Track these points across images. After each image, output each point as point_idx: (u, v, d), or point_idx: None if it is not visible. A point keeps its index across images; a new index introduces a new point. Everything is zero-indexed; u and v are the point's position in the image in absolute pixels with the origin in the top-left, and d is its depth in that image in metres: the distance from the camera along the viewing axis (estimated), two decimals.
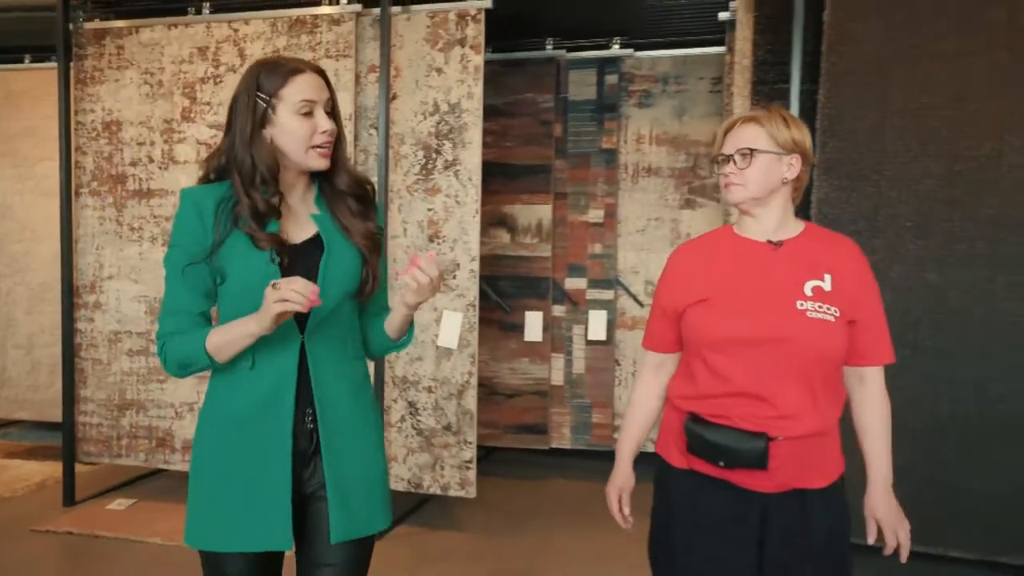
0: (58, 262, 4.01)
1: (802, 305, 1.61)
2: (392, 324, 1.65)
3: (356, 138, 3.64)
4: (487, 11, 3.52)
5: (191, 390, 3.85)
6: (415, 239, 3.63)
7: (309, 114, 1.52)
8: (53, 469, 4.45)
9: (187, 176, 3.84)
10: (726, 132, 1.74)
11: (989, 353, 2.87)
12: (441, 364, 3.61)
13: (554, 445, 4.62)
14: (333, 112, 1.57)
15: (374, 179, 3.39)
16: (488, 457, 4.78)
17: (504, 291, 4.53)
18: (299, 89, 1.51)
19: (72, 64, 3.95)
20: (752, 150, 1.65)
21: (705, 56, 4.35)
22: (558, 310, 4.61)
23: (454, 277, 3.57)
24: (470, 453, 3.60)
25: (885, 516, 1.67)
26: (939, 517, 2.85)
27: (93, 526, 3.63)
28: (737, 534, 1.64)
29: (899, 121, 2.97)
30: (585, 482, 4.46)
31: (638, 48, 4.46)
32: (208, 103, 3.80)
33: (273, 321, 1.40)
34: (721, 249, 1.75)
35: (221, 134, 3.61)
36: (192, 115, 3.83)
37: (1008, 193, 2.87)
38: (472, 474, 3.60)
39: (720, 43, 4.03)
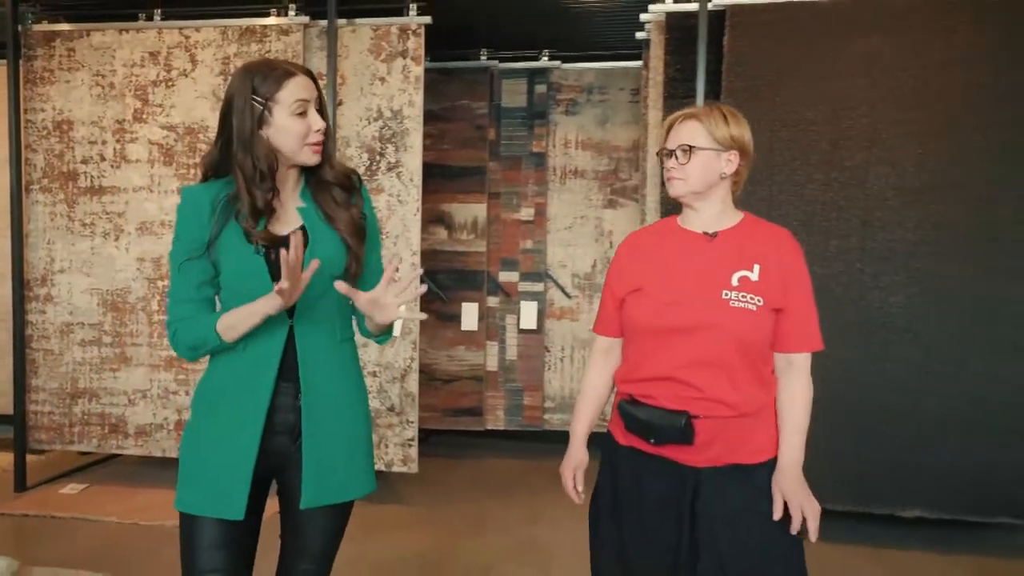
0: (4, 256, 4.13)
1: (727, 295, 1.67)
2: (371, 323, 1.70)
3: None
4: (426, 24, 3.84)
5: (143, 378, 4.05)
6: None
7: (303, 114, 1.59)
8: (3, 458, 4.55)
9: (139, 175, 4.02)
10: (669, 128, 1.79)
11: (858, 337, 3.36)
12: (385, 351, 3.91)
13: (489, 426, 4.96)
14: (321, 109, 1.64)
15: None
16: (428, 440, 5.09)
17: (442, 283, 4.84)
18: (293, 91, 1.57)
19: (22, 64, 4.07)
20: (691, 146, 1.72)
21: (626, 69, 4.76)
22: (492, 301, 4.95)
23: (396, 270, 3.86)
24: (412, 432, 3.91)
25: (790, 493, 1.67)
26: (818, 476, 3.32)
27: (48, 508, 3.79)
28: (670, 507, 1.71)
29: (787, 134, 3.43)
30: (517, 460, 4.82)
31: (565, 60, 4.84)
32: (160, 105, 3.99)
33: (281, 303, 1.50)
34: (662, 240, 1.82)
35: (174, 135, 3.85)
36: (144, 116, 4.01)
37: (875, 196, 3.36)
38: (414, 451, 3.91)
39: (639, 57, 4.44)
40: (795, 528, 1.65)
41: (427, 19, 3.83)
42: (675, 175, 1.74)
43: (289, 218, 1.65)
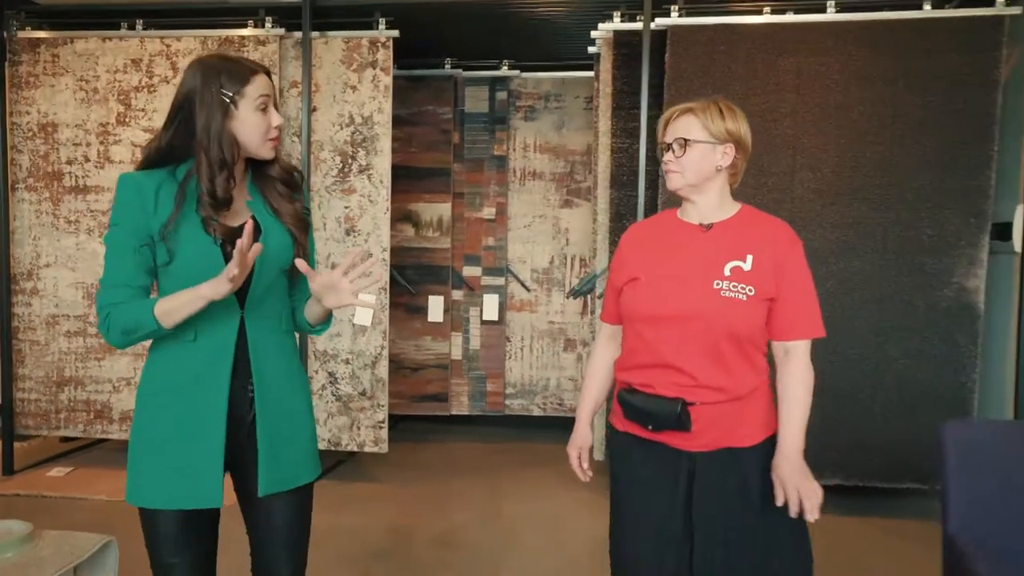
0: None
1: (718, 284, 1.70)
2: (312, 312, 1.74)
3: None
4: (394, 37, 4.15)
5: (128, 366, 4.29)
6: (333, 233, 4.21)
7: (264, 110, 1.63)
8: None
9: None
10: (666, 123, 1.82)
11: None
12: (357, 339, 4.21)
13: (454, 412, 5.28)
14: (276, 106, 1.70)
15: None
16: (397, 426, 5.40)
17: (410, 278, 5.15)
18: (257, 87, 1.62)
19: (7, 69, 4.28)
20: (687, 140, 1.75)
21: (580, 79, 5.11)
22: (457, 294, 5.28)
23: (360, 257, 4.17)
24: (382, 415, 4.22)
25: (787, 477, 1.68)
26: None
27: (37, 489, 4.03)
28: (668, 490, 1.74)
29: None
30: (481, 443, 5.16)
31: (524, 70, 5.17)
32: (143, 109, 4.24)
33: (229, 288, 1.51)
34: (661, 231, 1.86)
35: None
36: (127, 120, 4.25)
37: (800, 199, 3.77)
38: (384, 432, 4.22)
39: (592, 68, 4.78)
40: (793, 512, 1.66)
41: (395, 33, 4.13)
42: (672, 168, 1.78)
43: (239, 210, 1.68)
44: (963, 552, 1.70)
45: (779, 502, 1.67)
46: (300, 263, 1.61)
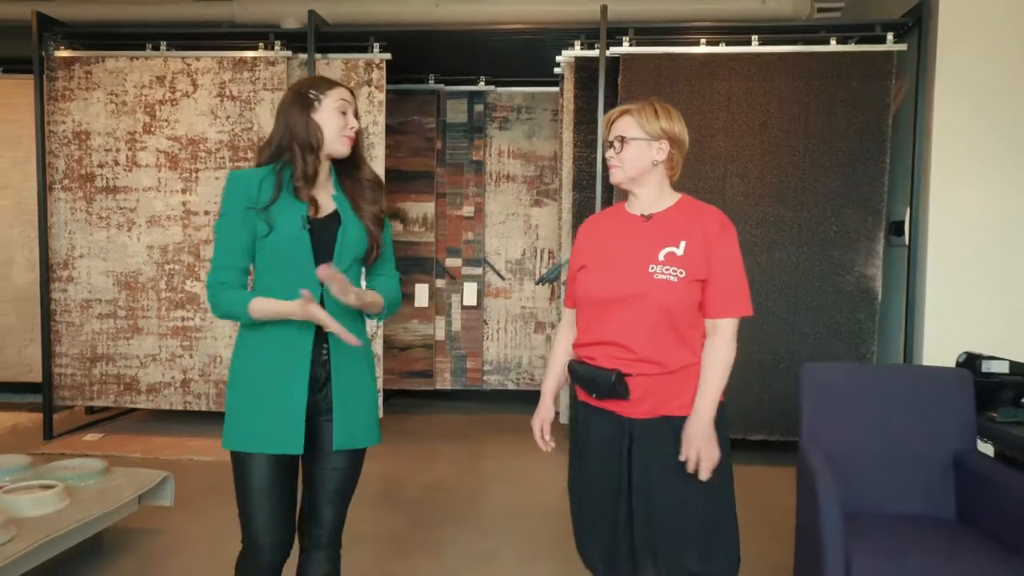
0: (7, 245, 4.95)
1: (652, 268, 1.84)
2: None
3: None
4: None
5: (153, 344, 4.91)
6: None
7: (344, 113, 1.91)
8: (18, 418, 5.34)
9: (148, 177, 4.88)
10: (609, 123, 1.97)
11: None
12: None
13: (438, 386, 5.96)
14: (357, 115, 1.96)
15: None
16: (388, 400, 6.05)
17: (399, 268, 5.80)
18: (338, 94, 1.91)
19: (45, 84, 4.87)
20: (624, 137, 1.90)
21: (548, 93, 5.80)
22: (440, 283, 5.95)
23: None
24: (377, 385, 4.89)
25: (693, 437, 1.83)
26: None
27: (78, 449, 4.63)
28: (611, 450, 1.90)
29: None
30: (462, 414, 5.84)
31: (499, 85, 5.85)
32: (166, 120, 4.86)
33: (302, 318, 1.79)
34: (609, 223, 2.00)
35: (178, 145, 4.70)
36: (152, 129, 4.87)
37: (729, 201, 4.49)
38: (379, 401, 4.89)
39: (558, 84, 5.47)
40: (690, 468, 1.82)
41: (388, 56, 4.80)
42: (613, 163, 1.93)
43: (325, 203, 1.93)
44: (807, 453, 2.42)
45: (682, 458, 1.83)
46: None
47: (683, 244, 1.85)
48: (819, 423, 2.51)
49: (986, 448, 2.54)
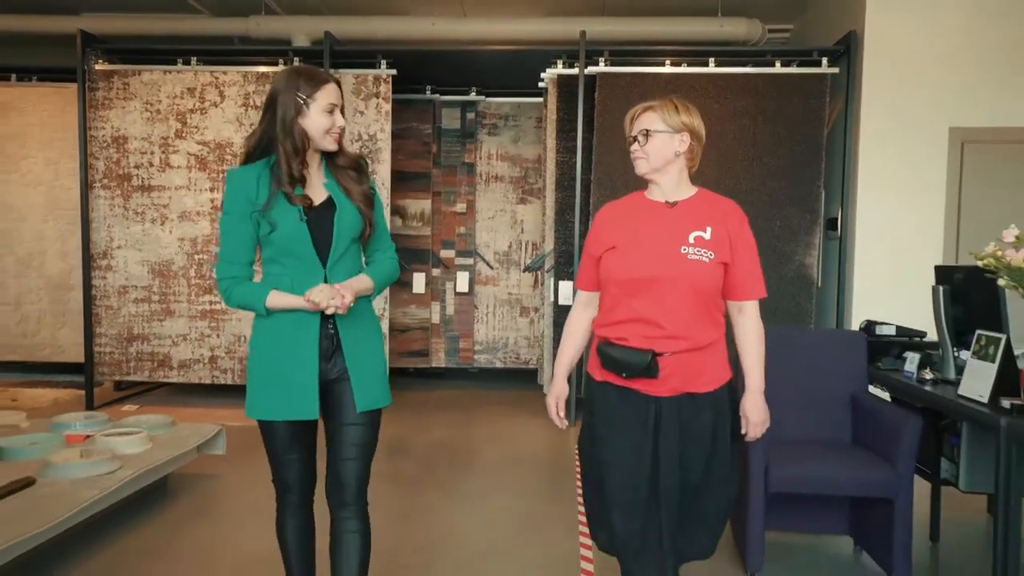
0: (41, 238, 5.54)
1: (684, 249, 1.94)
2: None
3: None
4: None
5: (184, 325, 5.54)
6: None
7: (331, 112, 1.98)
8: (57, 393, 5.93)
9: (180, 177, 5.50)
10: (632, 120, 2.08)
11: None
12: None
13: (433, 364, 6.65)
14: (343, 111, 2.03)
15: None
16: (389, 378, 6.72)
17: (403, 261, 6.47)
18: (326, 95, 1.98)
19: (87, 94, 5.46)
20: (649, 130, 2.01)
21: (532, 103, 6.49)
22: (436, 272, 6.63)
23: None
24: None
25: (749, 411, 2.00)
26: None
27: (120, 416, 5.24)
28: (638, 428, 1.98)
29: None
30: (455, 389, 6.52)
31: (488, 95, 6.54)
32: (196, 127, 5.48)
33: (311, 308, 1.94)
34: (632, 208, 2.09)
35: (206, 148, 5.34)
36: (184, 135, 5.49)
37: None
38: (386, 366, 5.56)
39: (541, 95, 6.15)
40: (749, 438, 2.03)
41: (394, 71, 5.47)
42: (638, 155, 2.04)
43: (317, 189, 2.03)
44: (740, 392, 3.15)
45: (743, 431, 2.02)
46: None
47: (709, 230, 1.97)
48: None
49: (875, 390, 3.29)
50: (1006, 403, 2.30)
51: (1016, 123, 4.88)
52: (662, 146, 2.00)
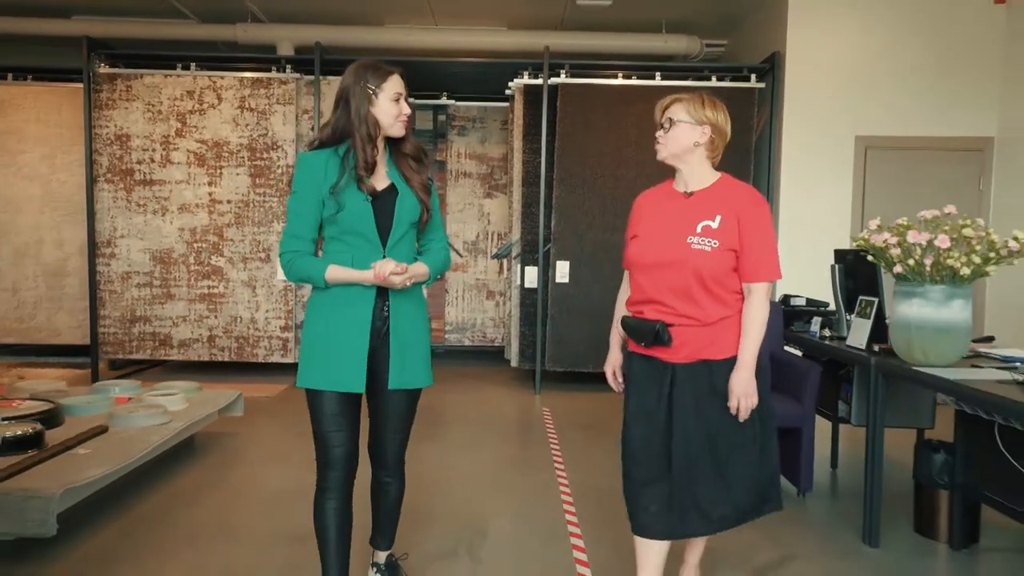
0: (37, 228, 6.03)
1: (690, 240, 2.08)
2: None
3: (296, 154, 6.06)
4: None
5: (184, 308, 6.07)
6: None
7: (397, 100, 2.11)
8: (61, 372, 6.37)
9: (180, 172, 6.01)
10: (663, 108, 2.20)
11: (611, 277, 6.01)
12: None
13: None
14: (406, 99, 2.14)
15: None
16: None
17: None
18: (393, 84, 2.11)
19: (92, 95, 5.92)
20: (672, 120, 2.15)
21: (498, 107, 7.19)
22: None
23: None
24: None
25: (735, 386, 2.08)
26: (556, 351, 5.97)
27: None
28: (655, 390, 2.16)
29: (592, 159, 6.01)
30: None
31: (458, 99, 7.20)
32: (195, 126, 6.00)
33: (371, 281, 2.04)
34: (658, 198, 2.25)
35: (204, 146, 5.92)
36: (184, 133, 6.01)
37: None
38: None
39: (506, 100, 6.84)
40: (732, 408, 2.09)
41: None
42: (660, 141, 2.18)
43: (382, 177, 2.15)
44: None
45: (730, 403, 2.09)
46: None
47: (718, 218, 2.08)
48: None
49: (790, 348, 4.10)
50: (876, 348, 3.12)
51: (909, 133, 5.80)
52: (682, 135, 2.14)
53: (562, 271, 5.95)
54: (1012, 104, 5.62)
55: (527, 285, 6.10)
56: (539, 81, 6.05)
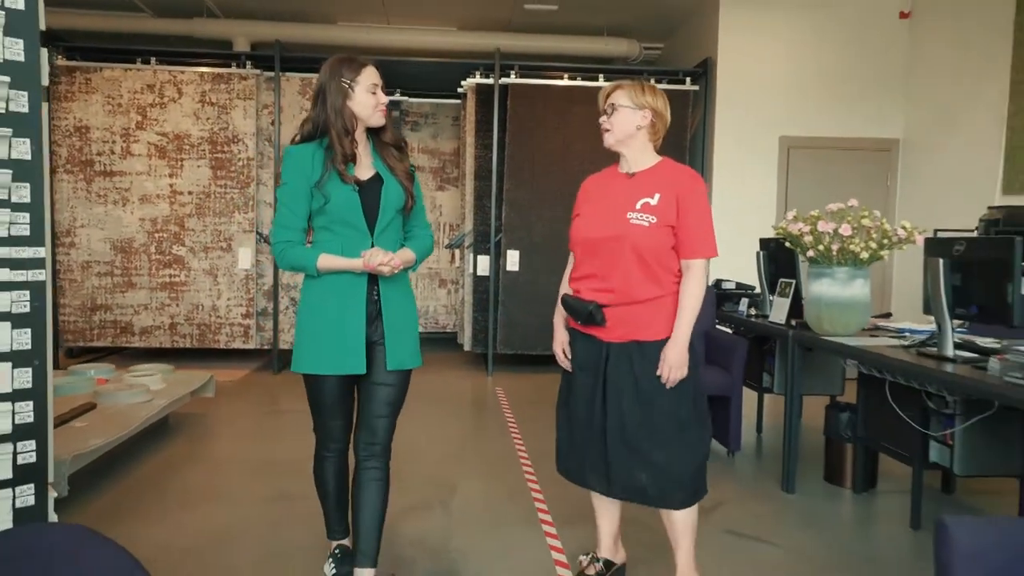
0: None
1: (630, 215, 2.16)
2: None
3: (257, 147, 6.28)
4: None
5: (145, 296, 6.22)
6: None
7: (374, 92, 2.18)
8: None
9: (140, 164, 6.16)
10: (606, 95, 2.29)
11: (555, 263, 6.44)
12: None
13: None
14: (383, 89, 2.21)
15: (271, 171, 6.11)
16: None
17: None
18: (368, 76, 2.18)
19: (50, 88, 6.01)
20: (614, 105, 2.25)
21: (450, 104, 7.50)
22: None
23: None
24: None
25: (666, 357, 2.15)
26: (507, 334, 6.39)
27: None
28: (591, 367, 2.27)
29: (541, 154, 6.41)
30: None
31: (411, 96, 7.49)
32: (156, 119, 6.15)
33: (361, 268, 2.12)
34: (602, 180, 2.34)
35: (165, 139, 6.09)
36: (143, 126, 6.15)
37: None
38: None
39: (459, 97, 7.17)
40: (664, 376, 2.15)
41: None
42: (605, 127, 2.27)
43: (367, 167, 2.21)
44: None
45: (658, 373, 2.16)
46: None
47: (657, 196, 2.17)
48: None
49: (721, 327, 4.59)
50: (794, 322, 3.61)
51: (826, 134, 6.40)
52: (624, 120, 2.22)
53: (512, 260, 6.34)
54: (914, 109, 6.27)
55: (479, 273, 6.47)
56: (491, 81, 6.41)
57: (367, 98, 2.16)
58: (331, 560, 2.44)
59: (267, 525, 3.03)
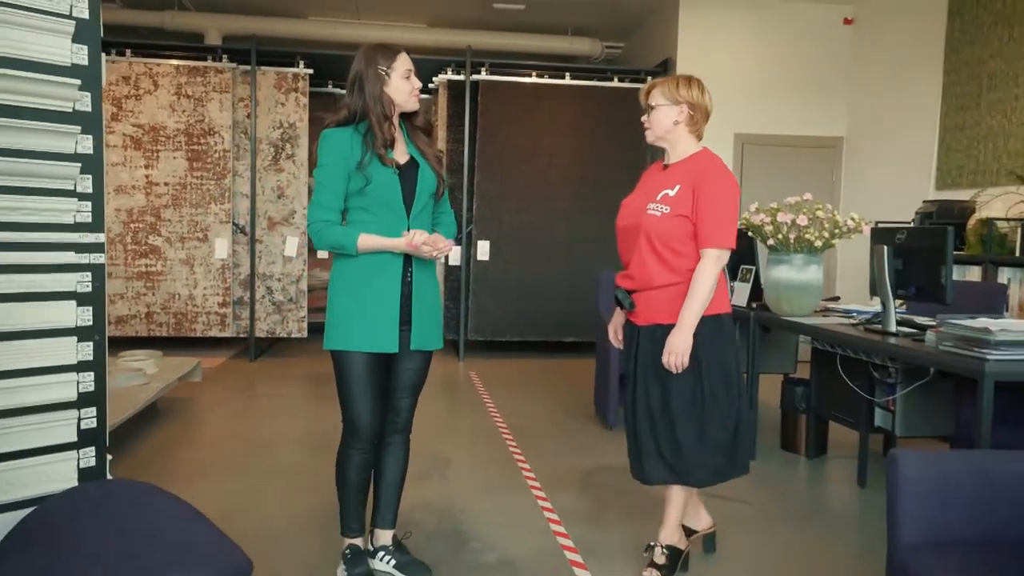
0: None
1: (649, 206, 2.29)
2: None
3: (233, 139, 6.40)
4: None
5: (122, 285, 6.30)
6: (270, 196, 6.51)
7: (408, 77, 2.24)
8: None
9: (116, 155, 6.23)
10: (646, 94, 2.39)
11: (543, 253, 6.76)
12: (286, 265, 6.57)
13: None
14: (417, 74, 2.28)
15: (247, 163, 6.25)
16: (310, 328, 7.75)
17: None
18: (402, 63, 2.24)
19: None
20: (651, 105, 2.34)
21: (423, 100, 7.70)
22: None
23: (294, 217, 6.56)
24: (303, 313, 6.63)
25: (670, 343, 2.23)
26: (478, 321, 6.69)
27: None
28: (629, 348, 2.44)
29: (510, 150, 6.69)
30: None
31: None
32: (131, 111, 6.22)
33: (403, 248, 2.17)
34: (650, 171, 2.49)
35: (141, 130, 6.17)
36: (119, 117, 6.21)
37: (551, 182, 6.74)
38: (304, 324, 6.64)
39: (430, 92, 7.39)
40: (665, 361, 2.24)
41: (311, 70, 6.51)
42: (646, 125, 2.37)
43: (402, 151, 2.29)
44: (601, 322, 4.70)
45: (664, 359, 2.24)
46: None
47: (677, 187, 2.25)
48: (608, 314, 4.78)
49: None
50: (754, 305, 3.97)
51: (779, 132, 6.83)
52: (662, 117, 2.32)
53: (483, 250, 6.61)
54: (857, 109, 6.75)
55: (451, 263, 6.71)
56: (462, 77, 6.65)
57: (403, 84, 2.22)
58: (343, 563, 2.42)
59: (278, 492, 3.26)
